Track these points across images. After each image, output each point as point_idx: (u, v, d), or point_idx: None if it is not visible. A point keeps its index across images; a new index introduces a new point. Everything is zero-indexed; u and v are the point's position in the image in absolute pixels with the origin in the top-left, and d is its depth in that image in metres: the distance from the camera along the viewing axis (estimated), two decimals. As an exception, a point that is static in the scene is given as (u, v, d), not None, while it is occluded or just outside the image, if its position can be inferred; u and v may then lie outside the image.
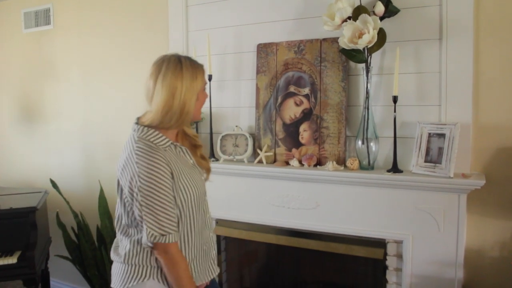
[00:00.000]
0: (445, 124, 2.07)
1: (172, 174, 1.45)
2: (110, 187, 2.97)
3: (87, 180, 3.31)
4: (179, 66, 1.47)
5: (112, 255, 1.60)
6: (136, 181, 1.42)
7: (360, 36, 2.07)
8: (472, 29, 2.06)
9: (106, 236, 2.91)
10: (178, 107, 1.47)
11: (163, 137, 1.50)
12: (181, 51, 2.72)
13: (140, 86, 1.59)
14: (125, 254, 1.53)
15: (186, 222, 1.52)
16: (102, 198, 2.98)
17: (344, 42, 2.11)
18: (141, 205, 1.42)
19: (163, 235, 1.43)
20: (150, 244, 1.47)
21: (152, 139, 1.48)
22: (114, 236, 2.85)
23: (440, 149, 2.06)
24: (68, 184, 3.36)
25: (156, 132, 1.49)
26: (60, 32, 3.35)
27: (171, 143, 1.53)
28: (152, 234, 1.43)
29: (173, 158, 1.50)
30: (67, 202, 3.03)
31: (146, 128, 1.50)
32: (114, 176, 1.55)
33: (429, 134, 2.10)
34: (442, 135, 2.07)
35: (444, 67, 2.11)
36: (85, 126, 3.31)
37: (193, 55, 2.65)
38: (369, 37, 2.04)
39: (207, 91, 2.58)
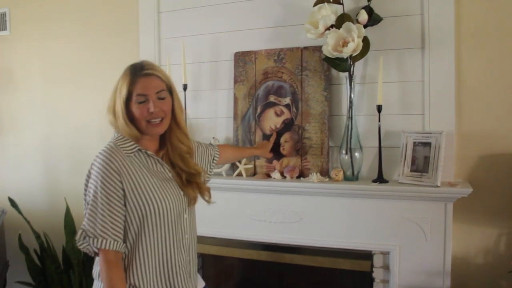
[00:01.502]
0: (430, 133, 2.06)
1: (121, 181, 1.39)
2: (77, 204, 2.78)
3: (50, 197, 3.09)
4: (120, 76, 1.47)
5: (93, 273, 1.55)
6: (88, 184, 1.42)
7: (344, 44, 2.04)
8: (453, 38, 2.08)
9: (73, 258, 2.71)
10: (114, 122, 1.45)
11: (131, 143, 1.45)
12: (153, 60, 2.60)
13: (108, 95, 1.51)
14: (98, 272, 1.48)
15: (145, 238, 1.43)
16: (68, 217, 2.78)
17: (328, 51, 2.07)
18: (86, 204, 1.41)
19: (95, 237, 1.38)
20: (86, 246, 1.41)
21: (118, 143, 1.44)
22: (82, 258, 2.70)
23: (426, 158, 2.05)
24: (29, 202, 3.12)
25: (126, 138, 1.46)
26: (18, 38, 3.13)
27: (139, 150, 1.46)
28: (82, 232, 1.40)
29: (135, 165, 1.44)
30: (28, 222, 2.81)
31: (120, 134, 1.47)
32: (81, 192, 1.48)
33: (414, 143, 2.10)
34: (427, 144, 2.06)
35: (427, 76, 2.13)
36: (47, 139, 3.10)
37: (166, 63, 2.54)
38: (354, 45, 2.02)
39: (185, 102, 2.47)
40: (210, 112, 2.58)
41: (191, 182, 1.56)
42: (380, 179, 2.13)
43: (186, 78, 2.49)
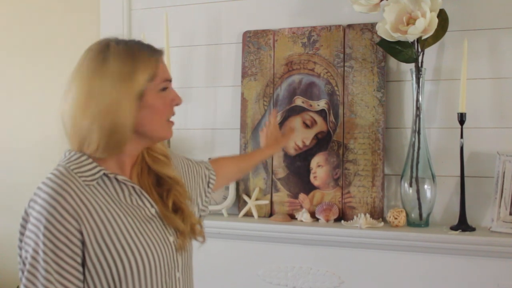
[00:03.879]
0: (541, 157, 2.06)
1: (79, 227, 1.34)
2: (7, 262, 2.76)
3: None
4: (101, 55, 1.41)
5: None
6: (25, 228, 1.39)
7: (410, 21, 2.05)
8: None
9: None
10: (98, 124, 1.39)
11: (92, 164, 1.42)
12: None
13: (56, 90, 1.53)
14: None
15: None
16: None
17: (386, 31, 2.07)
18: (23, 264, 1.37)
19: None
20: None
21: (72, 166, 1.40)
22: None
23: (535, 196, 2.05)
24: None
25: (84, 158, 1.42)
26: None
27: (105, 175, 1.44)
28: None
29: (100, 199, 1.41)
30: None
31: (74, 153, 1.44)
32: (12, 244, 1.45)
33: (517, 171, 2.08)
34: (536, 174, 2.05)
35: (536, 70, 2.14)
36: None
37: (140, 47, 2.53)
38: (425, 23, 2.01)
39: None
40: (205, 120, 2.59)
41: (181, 209, 1.54)
42: (462, 225, 2.12)
43: (170, 69, 2.40)
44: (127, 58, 1.43)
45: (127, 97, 1.41)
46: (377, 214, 2.24)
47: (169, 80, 1.49)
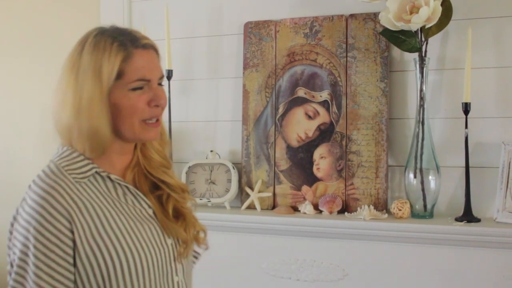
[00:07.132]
0: (546, 146, 2.05)
1: (71, 226, 1.31)
2: None
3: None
4: (80, 47, 1.37)
5: None
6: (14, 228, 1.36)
7: (413, 10, 2.04)
8: None
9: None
10: (77, 123, 1.36)
11: (84, 162, 1.39)
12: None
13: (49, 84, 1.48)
14: None
15: None
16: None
17: (389, 20, 2.07)
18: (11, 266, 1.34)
19: None
20: None
21: (63, 163, 1.38)
22: None
23: (540, 185, 2.04)
24: None
25: (75, 154, 1.39)
26: None
27: (97, 173, 1.40)
28: None
29: (92, 198, 1.37)
30: None
31: (66, 148, 1.40)
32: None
33: (522, 161, 2.08)
34: (542, 164, 2.05)
35: (541, 59, 2.13)
36: None
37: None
38: (428, 12, 2.02)
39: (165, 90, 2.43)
40: (207, 112, 2.58)
41: (182, 215, 1.51)
42: (467, 216, 2.11)
43: (171, 62, 2.48)
44: (98, 51, 1.36)
45: (98, 95, 1.35)
46: (381, 205, 2.24)
47: (146, 80, 1.38)
